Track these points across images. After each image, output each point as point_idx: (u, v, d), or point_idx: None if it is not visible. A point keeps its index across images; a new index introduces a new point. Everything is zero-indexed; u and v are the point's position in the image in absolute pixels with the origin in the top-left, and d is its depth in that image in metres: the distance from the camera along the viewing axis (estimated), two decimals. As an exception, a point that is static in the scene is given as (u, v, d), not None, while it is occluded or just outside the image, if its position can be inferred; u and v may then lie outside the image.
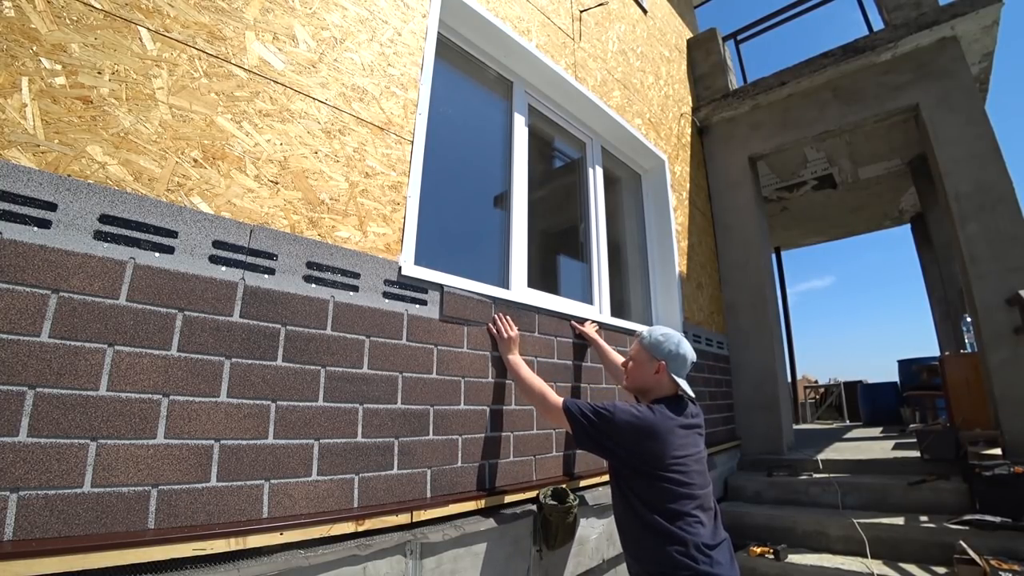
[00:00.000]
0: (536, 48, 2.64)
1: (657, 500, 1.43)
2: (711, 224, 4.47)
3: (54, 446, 0.95)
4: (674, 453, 1.45)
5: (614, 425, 1.48)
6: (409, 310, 1.67)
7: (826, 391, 8.67)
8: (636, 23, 3.98)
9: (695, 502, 1.44)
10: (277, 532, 1.19)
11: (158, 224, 1.16)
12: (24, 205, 0.99)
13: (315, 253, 1.45)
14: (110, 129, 1.13)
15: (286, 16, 1.53)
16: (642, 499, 1.46)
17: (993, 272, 3.06)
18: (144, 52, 1.21)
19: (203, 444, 1.14)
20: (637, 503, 1.47)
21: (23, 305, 0.96)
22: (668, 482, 1.43)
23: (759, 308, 4.10)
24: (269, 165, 1.40)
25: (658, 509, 1.42)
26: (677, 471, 1.44)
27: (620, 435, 1.48)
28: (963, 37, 3.52)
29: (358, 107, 1.68)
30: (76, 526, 0.96)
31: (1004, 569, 2.09)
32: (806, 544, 2.76)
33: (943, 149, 3.40)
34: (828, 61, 3.98)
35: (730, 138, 4.60)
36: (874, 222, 7.19)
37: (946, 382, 3.65)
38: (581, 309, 2.72)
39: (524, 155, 2.59)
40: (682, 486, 1.44)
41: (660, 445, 1.45)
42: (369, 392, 1.50)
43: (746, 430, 3.97)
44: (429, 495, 1.60)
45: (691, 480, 1.46)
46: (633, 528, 1.50)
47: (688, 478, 1.45)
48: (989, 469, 2.54)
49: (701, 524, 1.42)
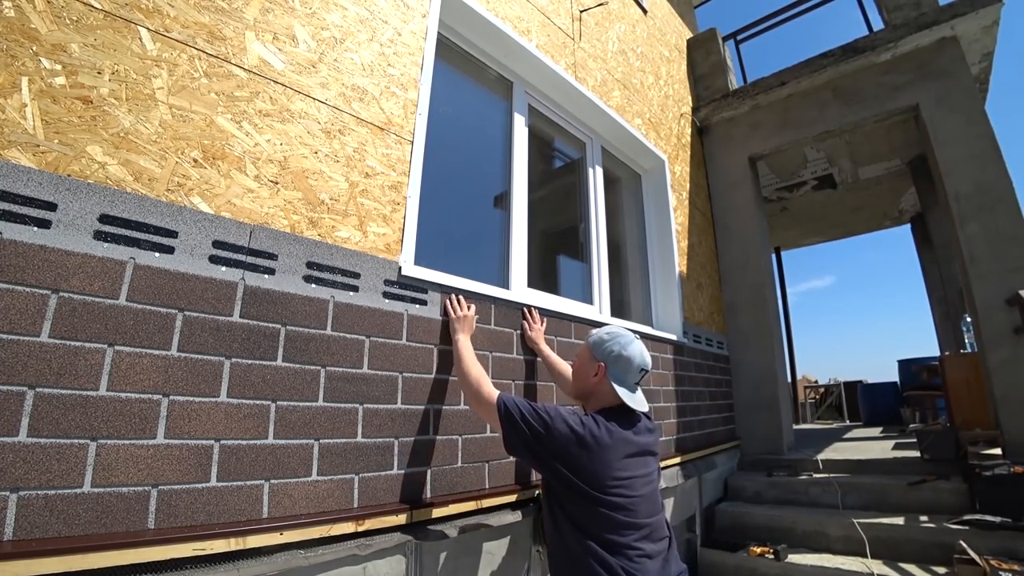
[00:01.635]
0: (536, 48, 2.64)
1: (593, 527, 1.25)
2: (711, 224, 4.47)
3: (54, 446, 0.95)
4: (615, 474, 1.28)
5: (551, 432, 1.28)
6: (409, 310, 1.67)
7: (826, 391, 8.68)
8: (636, 23, 3.98)
9: (639, 532, 1.26)
10: (277, 532, 1.19)
11: (158, 224, 1.16)
12: (24, 205, 0.99)
13: (315, 253, 1.45)
14: (110, 129, 1.13)
15: (286, 16, 1.53)
16: (576, 524, 1.27)
17: (993, 272, 3.06)
18: (144, 52, 1.21)
19: (203, 444, 1.14)
20: (568, 527, 1.28)
21: (23, 305, 0.96)
22: (607, 507, 1.25)
23: (759, 308, 4.10)
24: (269, 165, 1.40)
25: (594, 537, 1.24)
26: (618, 495, 1.26)
27: (555, 445, 1.28)
28: (963, 37, 3.52)
29: (358, 107, 1.68)
30: (76, 526, 0.96)
31: (1004, 569, 2.09)
32: (806, 544, 2.77)
33: (943, 149, 3.40)
34: (828, 61, 3.98)
35: (730, 138, 4.60)
36: (874, 222, 7.19)
37: (946, 382, 3.65)
38: (581, 309, 2.72)
39: (524, 155, 2.59)
40: (624, 512, 1.26)
41: (599, 464, 1.27)
42: (369, 392, 1.50)
43: (746, 430, 3.97)
44: (429, 495, 1.60)
45: (634, 507, 1.28)
46: (563, 556, 1.31)
47: (631, 504, 1.27)
48: (989, 469, 2.55)
49: (647, 558, 1.25)
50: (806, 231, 7.42)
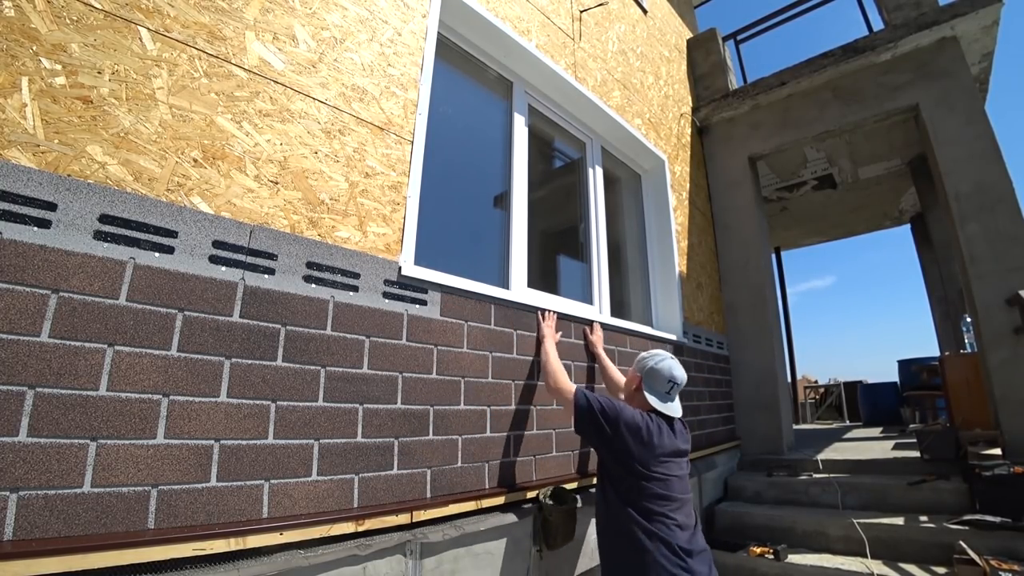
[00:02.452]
0: (536, 48, 2.64)
1: (636, 498, 1.52)
2: (711, 224, 4.47)
3: (54, 446, 0.95)
4: (658, 457, 1.56)
5: (619, 417, 1.58)
6: (409, 310, 1.67)
7: (826, 391, 8.67)
8: (636, 23, 3.98)
9: (673, 504, 1.53)
10: (277, 532, 1.19)
11: (158, 224, 1.16)
12: (24, 205, 0.99)
13: (315, 253, 1.45)
14: (110, 129, 1.13)
15: (286, 16, 1.53)
16: (622, 496, 1.55)
17: (993, 272, 3.06)
18: (144, 52, 1.21)
19: (203, 444, 1.14)
20: (616, 500, 1.57)
21: (23, 305, 0.96)
22: (648, 481, 1.53)
23: (759, 308, 4.10)
24: (269, 165, 1.40)
25: (635, 506, 1.52)
26: (659, 473, 1.54)
27: (617, 430, 1.57)
28: (963, 37, 3.52)
29: (358, 107, 1.68)
30: (76, 526, 0.96)
31: (1004, 569, 2.09)
32: (806, 544, 2.76)
33: (943, 149, 3.40)
34: (828, 61, 3.98)
35: (730, 138, 4.60)
36: (874, 222, 7.19)
37: (946, 382, 3.65)
38: (581, 309, 2.72)
39: (524, 155, 2.59)
40: (661, 486, 1.53)
41: (647, 448, 1.55)
42: (369, 392, 1.50)
43: (746, 430, 3.97)
44: (429, 495, 1.60)
45: (670, 489, 1.55)
46: (610, 525, 1.59)
47: (668, 487, 1.55)
48: (989, 469, 2.54)
49: (679, 528, 1.49)
50: (806, 231, 7.42)
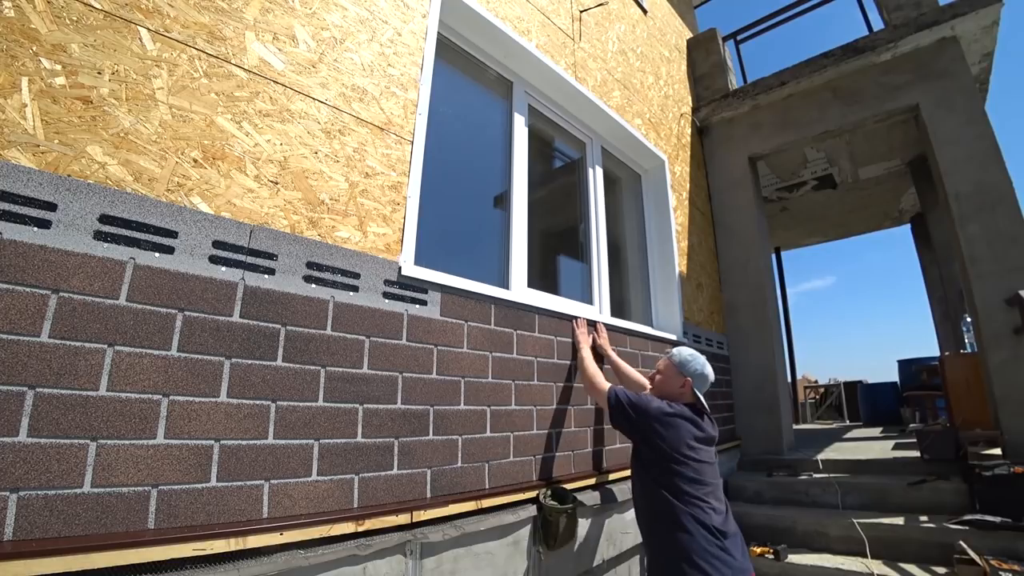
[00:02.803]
0: (536, 48, 2.64)
1: (671, 483, 1.63)
2: (711, 224, 4.47)
3: (54, 446, 0.95)
4: (688, 443, 1.67)
5: (647, 408, 1.73)
6: (409, 310, 1.67)
7: (826, 391, 8.67)
8: (636, 23, 3.98)
9: (706, 488, 1.63)
10: (277, 532, 1.19)
11: (158, 224, 1.16)
12: (24, 205, 0.99)
13: (315, 253, 1.45)
14: (110, 129, 1.13)
15: (286, 16, 1.53)
16: (658, 482, 1.66)
17: (993, 272, 3.06)
18: (144, 52, 1.21)
19: (203, 444, 1.14)
20: (652, 485, 1.68)
21: (23, 305, 0.96)
22: (681, 465, 1.64)
23: (759, 308, 4.10)
24: (269, 165, 1.40)
25: (671, 490, 1.62)
26: (690, 459, 1.65)
27: (649, 420, 1.71)
28: (963, 37, 3.52)
29: (358, 107, 1.68)
30: (76, 526, 0.96)
31: (1004, 569, 2.09)
32: (806, 544, 2.76)
33: (943, 149, 3.40)
34: (828, 61, 3.98)
35: (730, 138, 4.60)
36: (874, 222, 7.19)
37: (946, 382, 3.65)
38: (581, 309, 2.72)
39: (524, 155, 2.59)
40: (693, 471, 1.64)
41: (677, 436, 1.67)
42: (369, 392, 1.50)
43: (746, 430, 3.97)
44: (429, 495, 1.60)
45: (702, 474, 1.65)
46: (648, 509, 1.71)
47: (698, 472, 1.65)
48: (989, 469, 2.54)
49: (713, 511, 1.59)
50: (806, 231, 7.42)
